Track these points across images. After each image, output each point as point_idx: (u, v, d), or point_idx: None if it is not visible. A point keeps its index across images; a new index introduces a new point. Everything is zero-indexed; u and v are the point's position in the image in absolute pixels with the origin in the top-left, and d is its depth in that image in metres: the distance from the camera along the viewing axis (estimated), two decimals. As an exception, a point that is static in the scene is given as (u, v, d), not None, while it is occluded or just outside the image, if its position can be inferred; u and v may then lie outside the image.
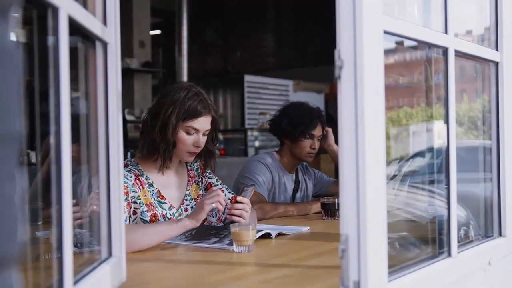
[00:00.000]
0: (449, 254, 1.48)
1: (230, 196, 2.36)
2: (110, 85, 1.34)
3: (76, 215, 1.18)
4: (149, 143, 2.17)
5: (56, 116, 0.99)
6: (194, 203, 2.30)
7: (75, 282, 1.06)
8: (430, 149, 2.05)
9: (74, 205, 1.05)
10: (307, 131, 2.92)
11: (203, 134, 2.20)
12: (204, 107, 2.17)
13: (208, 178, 2.40)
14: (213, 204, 1.94)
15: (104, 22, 1.33)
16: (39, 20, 1.03)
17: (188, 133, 2.16)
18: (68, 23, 1.02)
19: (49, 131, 1.00)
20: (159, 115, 2.14)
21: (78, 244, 1.33)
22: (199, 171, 2.39)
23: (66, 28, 1.00)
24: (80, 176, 1.37)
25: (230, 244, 1.88)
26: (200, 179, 2.38)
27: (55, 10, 0.98)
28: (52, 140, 1.00)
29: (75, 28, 1.09)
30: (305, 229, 2.32)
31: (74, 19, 1.06)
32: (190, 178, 2.34)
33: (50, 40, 1.00)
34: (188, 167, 2.37)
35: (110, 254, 1.34)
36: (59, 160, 0.99)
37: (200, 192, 2.35)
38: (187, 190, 2.31)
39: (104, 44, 1.32)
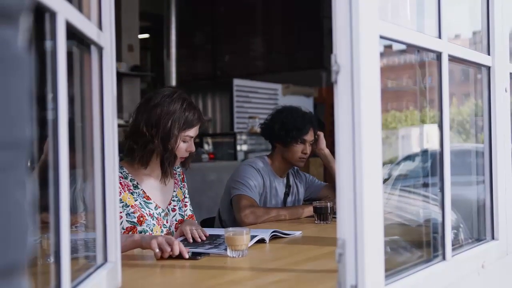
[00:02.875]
0: (444, 258, 1.49)
1: (189, 213, 2.44)
2: (106, 90, 1.34)
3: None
4: (149, 153, 2.22)
5: (54, 120, 0.98)
6: (181, 204, 2.39)
7: (73, 288, 1.06)
8: (420, 153, 2.06)
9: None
10: (300, 136, 2.92)
11: (194, 139, 2.31)
12: (199, 116, 2.28)
13: (186, 188, 2.49)
14: (157, 250, 1.79)
15: (100, 26, 1.32)
16: (35, 24, 1.03)
17: (184, 141, 2.25)
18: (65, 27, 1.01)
19: (45, 136, 1.00)
20: (157, 127, 2.19)
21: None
22: (180, 177, 2.47)
23: (63, 32, 1.00)
24: (72, 179, 1.36)
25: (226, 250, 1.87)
26: (182, 186, 2.47)
27: (53, 14, 0.97)
28: (48, 144, 0.99)
29: (71, 33, 1.09)
30: (298, 233, 2.32)
31: (71, 23, 1.06)
32: (176, 181, 2.43)
33: (48, 44, 0.99)
34: (173, 170, 2.43)
35: (105, 259, 1.34)
36: (56, 165, 0.98)
37: (183, 196, 2.44)
38: (174, 191, 2.39)
39: (100, 49, 1.32)
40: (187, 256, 1.80)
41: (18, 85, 0.52)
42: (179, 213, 2.36)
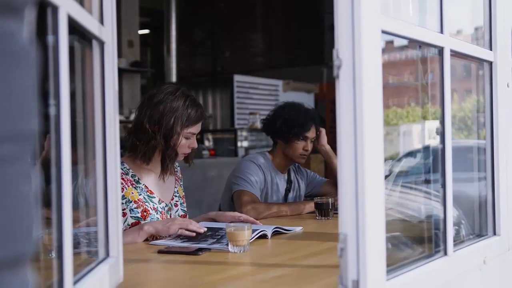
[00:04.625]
0: (445, 253, 1.49)
1: (181, 213, 2.43)
2: (107, 85, 1.34)
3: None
4: (151, 150, 2.23)
5: (56, 115, 0.98)
6: (182, 200, 2.42)
7: (75, 282, 1.06)
8: (422, 149, 2.06)
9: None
10: (301, 133, 2.91)
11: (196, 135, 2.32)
12: (201, 112, 2.29)
13: (182, 187, 2.51)
14: (179, 231, 2.05)
15: (101, 21, 1.32)
16: (37, 18, 1.02)
17: (187, 138, 2.26)
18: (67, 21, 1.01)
19: (46, 132, 0.99)
20: (160, 123, 2.20)
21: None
22: (180, 175, 2.49)
23: (65, 27, 0.99)
24: (74, 175, 1.36)
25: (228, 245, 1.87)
26: (181, 184, 2.49)
27: (55, 9, 0.97)
28: (50, 140, 0.99)
29: (72, 27, 1.08)
30: (299, 229, 2.32)
31: (73, 18, 1.05)
32: (176, 178, 2.44)
33: (49, 38, 0.99)
34: (174, 167, 2.44)
35: (107, 254, 1.34)
36: (59, 161, 0.98)
37: (183, 193, 2.46)
38: (175, 187, 2.41)
39: (101, 44, 1.31)
40: (202, 231, 2.05)
41: (23, 78, 0.52)
42: (181, 209, 2.38)
